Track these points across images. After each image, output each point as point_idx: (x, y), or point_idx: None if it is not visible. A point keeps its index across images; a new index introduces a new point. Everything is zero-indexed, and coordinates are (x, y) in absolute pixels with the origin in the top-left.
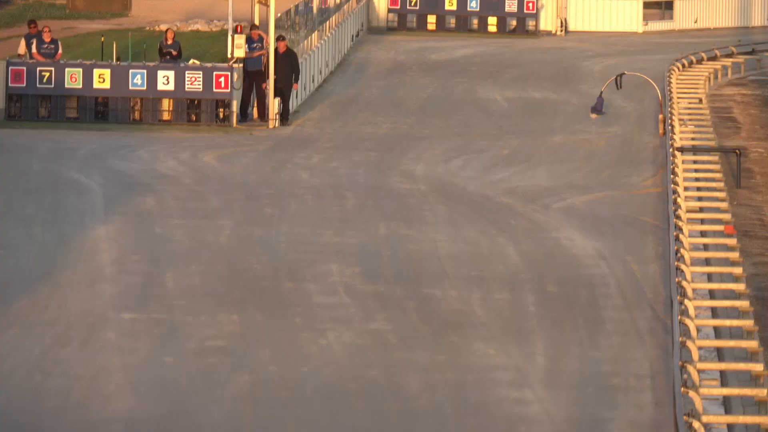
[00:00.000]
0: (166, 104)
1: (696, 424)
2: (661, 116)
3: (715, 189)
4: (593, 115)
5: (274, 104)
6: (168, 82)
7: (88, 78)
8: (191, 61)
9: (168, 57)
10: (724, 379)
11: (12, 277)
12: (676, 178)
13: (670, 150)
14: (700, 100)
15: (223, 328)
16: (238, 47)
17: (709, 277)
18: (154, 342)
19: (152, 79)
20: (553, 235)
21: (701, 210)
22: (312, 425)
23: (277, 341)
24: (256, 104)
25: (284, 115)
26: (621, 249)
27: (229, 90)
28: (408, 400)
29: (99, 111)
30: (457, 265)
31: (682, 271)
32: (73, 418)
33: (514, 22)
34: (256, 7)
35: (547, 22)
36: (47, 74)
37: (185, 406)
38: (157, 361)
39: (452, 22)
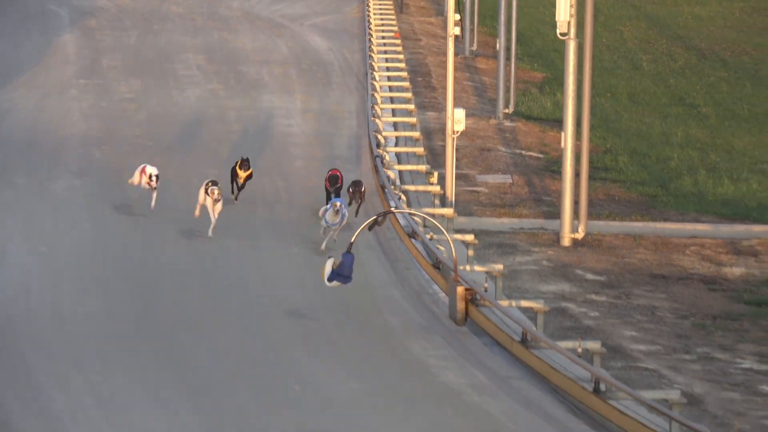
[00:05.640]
0: None
1: (379, 137)
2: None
3: (389, 13)
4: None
5: None
6: None
7: None
8: None
9: None
10: (395, 114)
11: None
12: (368, 8)
13: None
14: None
15: (132, 88)
16: None
17: (386, 60)
18: (97, 95)
19: None
20: (306, 38)
21: (382, 24)
22: (176, 137)
23: (160, 94)
24: None
25: None
26: (340, 45)
27: None
28: (229, 124)
29: None
30: (255, 54)
31: (371, 56)
32: (54, 134)
33: None
34: None
35: None
36: None
37: (114, 126)
38: (98, 105)
39: None
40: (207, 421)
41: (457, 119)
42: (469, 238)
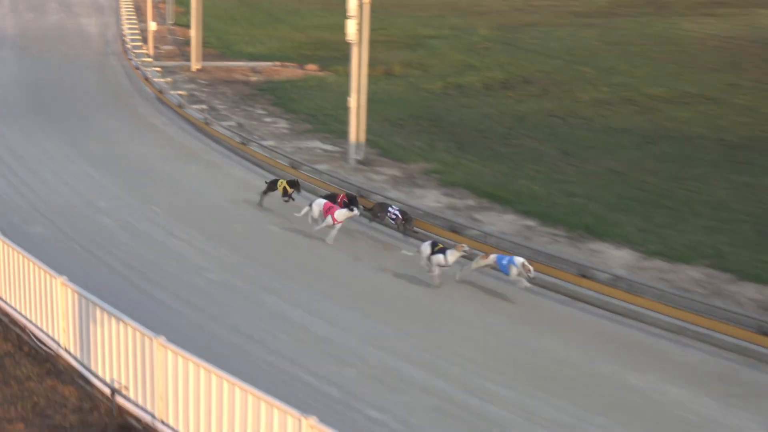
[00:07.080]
0: None
1: (124, 32)
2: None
3: None
4: None
5: None
6: None
7: None
8: None
9: None
10: (130, 25)
11: None
12: None
13: None
14: None
15: (31, 16)
16: None
17: (125, 4)
18: (16, 19)
19: None
20: None
21: None
22: (50, 35)
23: (42, 18)
24: None
25: None
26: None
27: None
28: (67, 30)
29: None
30: (77, 2)
31: (120, 2)
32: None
33: None
34: None
35: None
36: None
37: (24, 31)
38: (17, 23)
39: None
40: (78, 154)
41: (152, 25)
42: (158, 69)
